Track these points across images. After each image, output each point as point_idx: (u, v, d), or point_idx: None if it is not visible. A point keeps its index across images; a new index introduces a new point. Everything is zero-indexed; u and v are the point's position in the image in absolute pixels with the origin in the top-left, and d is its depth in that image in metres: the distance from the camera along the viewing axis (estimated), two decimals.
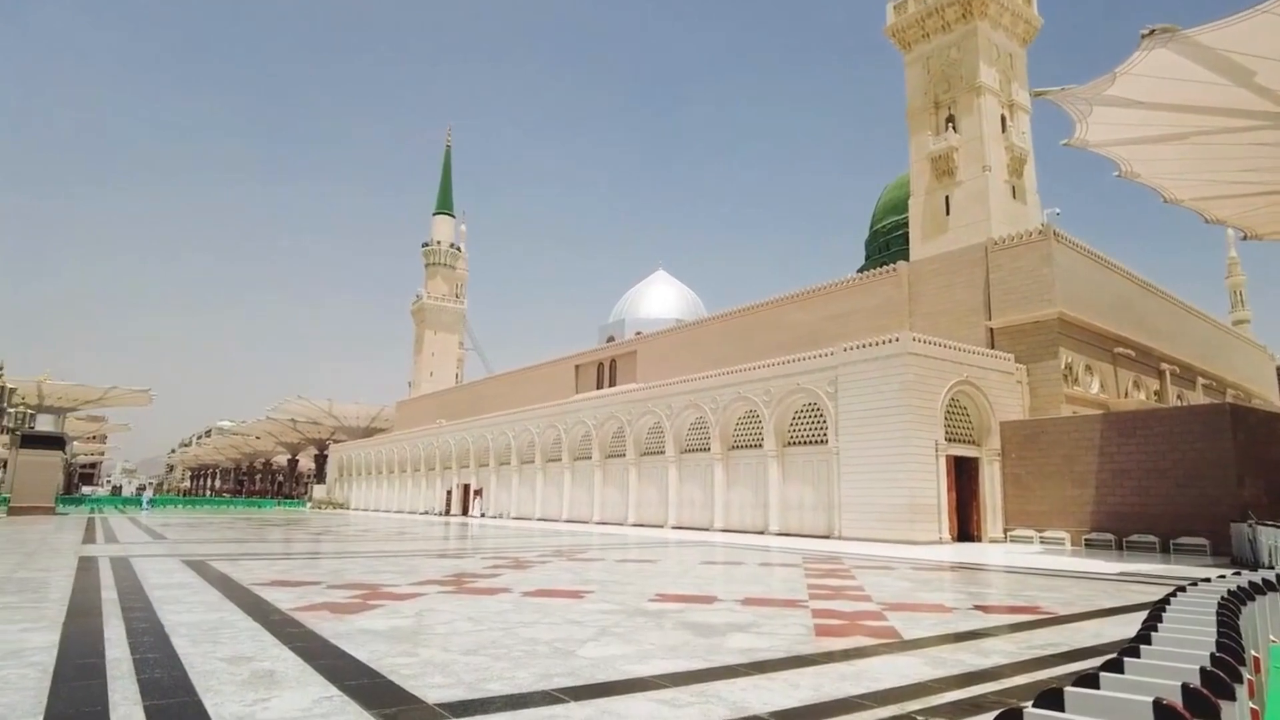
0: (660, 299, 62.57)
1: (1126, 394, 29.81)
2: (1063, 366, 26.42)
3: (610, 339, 56.54)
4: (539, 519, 39.65)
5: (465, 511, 46.99)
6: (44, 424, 57.60)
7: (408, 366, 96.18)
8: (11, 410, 41.06)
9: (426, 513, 51.21)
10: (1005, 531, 24.09)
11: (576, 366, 51.94)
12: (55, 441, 40.89)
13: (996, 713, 4.29)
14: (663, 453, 32.67)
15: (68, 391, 66.19)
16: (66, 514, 37.07)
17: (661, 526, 31.45)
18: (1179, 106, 14.31)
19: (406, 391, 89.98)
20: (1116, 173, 17.27)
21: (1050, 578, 13.21)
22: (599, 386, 48.31)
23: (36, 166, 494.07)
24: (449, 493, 50.24)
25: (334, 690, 4.55)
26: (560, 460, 39.51)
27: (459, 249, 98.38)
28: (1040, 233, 27.89)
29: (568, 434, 39.05)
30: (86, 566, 11.87)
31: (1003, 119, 35.31)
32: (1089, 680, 3.01)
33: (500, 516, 43.00)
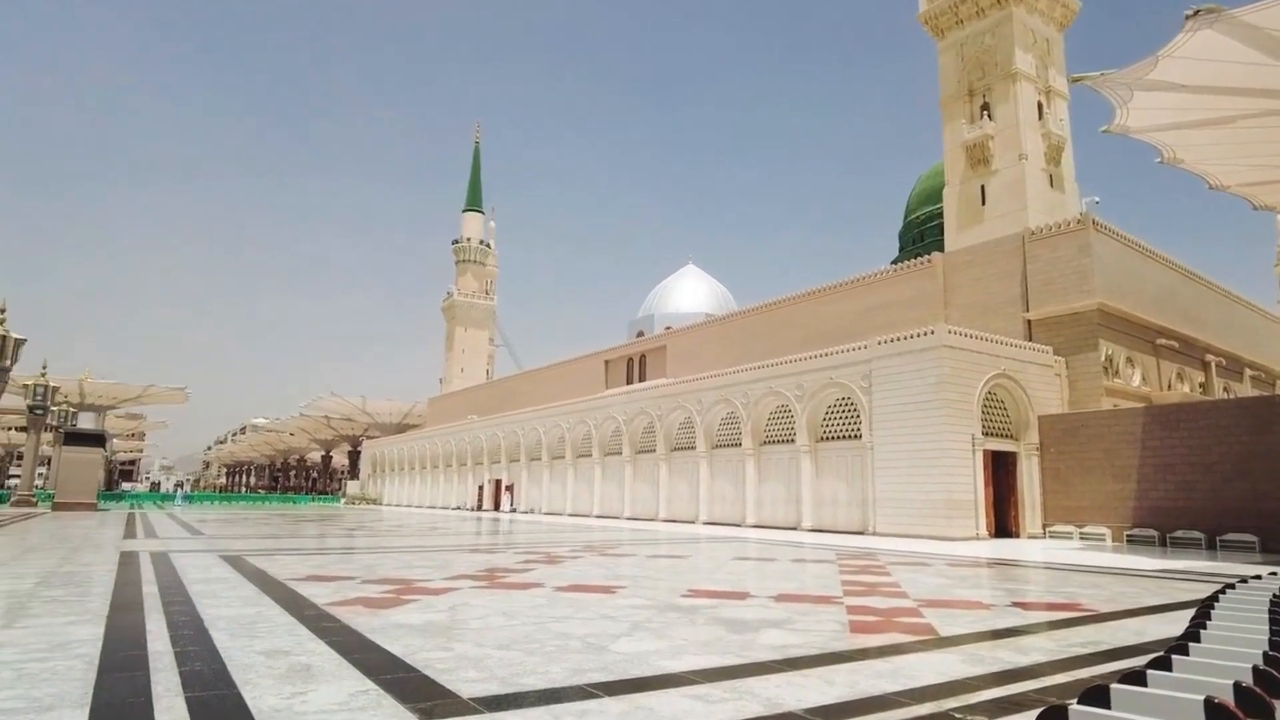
0: (690, 293, 62.40)
1: (1170, 386, 29.11)
2: (1103, 359, 25.87)
3: (640, 334, 56.57)
4: (570, 514, 39.83)
5: (497, 507, 47.37)
6: (85, 422, 59.02)
7: (439, 363, 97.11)
8: (54, 409, 42.07)
9: (459, 508, 51.71)
10: (1044, 527, 23.68)
11: (606, 362, 52.04)
12: (96, 439, 41.81)
13: (1038, 711, 4.20)
14: (693, 448, 32.61)
15: (107, 390, 67.78)
16: (108, 510, 38.00)
17: (692, 522, 31.41)
18: (1224, 89, 13.89)
19: (438, 388, 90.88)
20: (1158, 159, 16.83)
21: (1091, 574, 12.94)
22: (629, 382, 48.35)
23: (74, 164, 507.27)
24: (480, 488, 50.66)
25: (370, 684, 4.58)
26: (591, 456, 39.63)
27: (489, 245, 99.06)
28: (1079, 222, 27.32)
29: (598, 429, 39.15)
30: (128, 561, 12.13)
31: (1039, 106, 34.59)
32: (1136, 677, 2.93)
33: (531, 512, 43.28)
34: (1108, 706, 2.66)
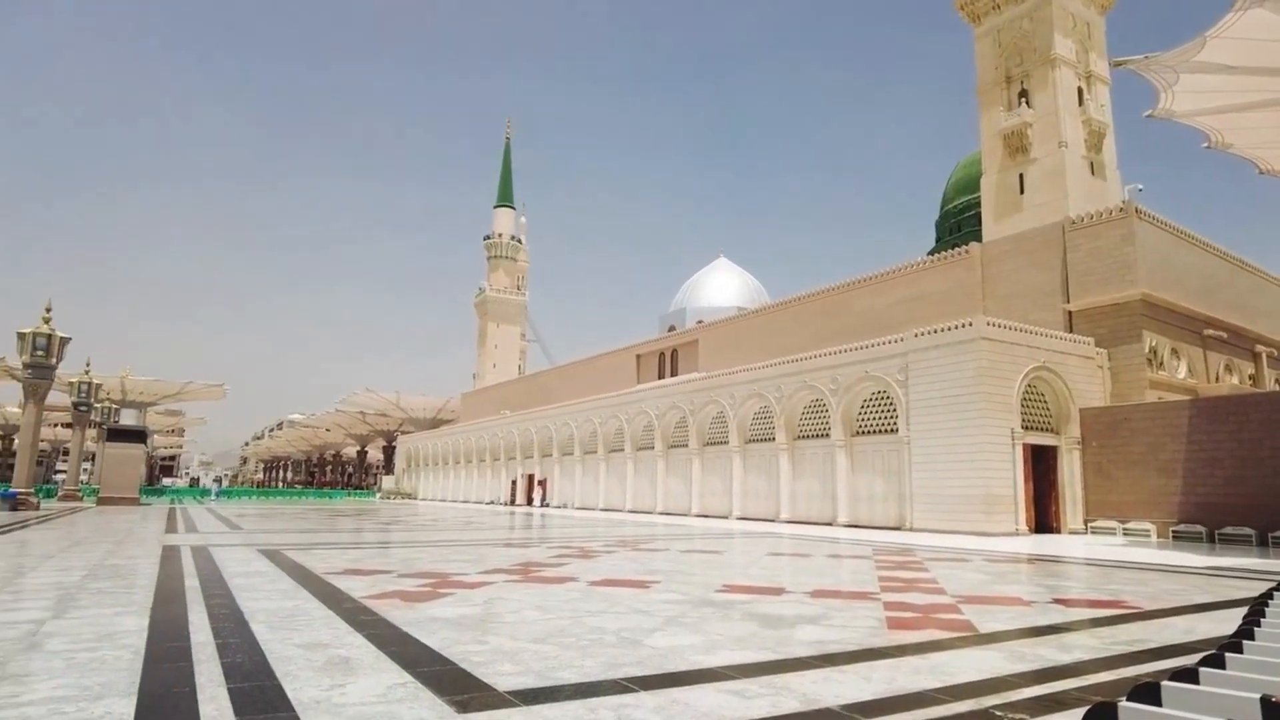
0: (721, 287, 62.04)
1: (1218, 378, 28.32)
2: (1147, 350, 25.24)
3: (671, 328, 56.43)
4: (602, 509, 39.95)
5: (530, 501, 47.68)
6: (126, 418, 60.33)
7: (472, 358, 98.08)
8: (97, 405, 43.14)
9: (492, 502, 52.14)
10: (1086, 523, 23.21)
11: (638, 356, 52.04)
12: (138, 435, 42.77)
13: (1084, 709, 4.10)
14: (726, 443, 32.49)
15: (148, 386, 69.43)
16: (149, 504, 38.82)
17: (726, 517, 31.31)
18: (1276, 70, 13.43)
19: (471, 383, 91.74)
20: (1205, 144, 16.34)
21: (1135, 571, 12.64)
22: (660, 376, 48.32)
23: (119, 167, 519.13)
24: (514, 483, 51.04)
25: (407, 677, 4.62)
26: (623, 450, 39.70)
27: (520, 241, 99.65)
28: (1121, 210, 26.64)
29: (630, 424, 39.19)
30: (170, 555, 12.39)
31: (1080, 92, 33.81)
32: (1188, 675, 2.83)
33: (564, 507, 43.49)
34: (1159, 704, 2.58)
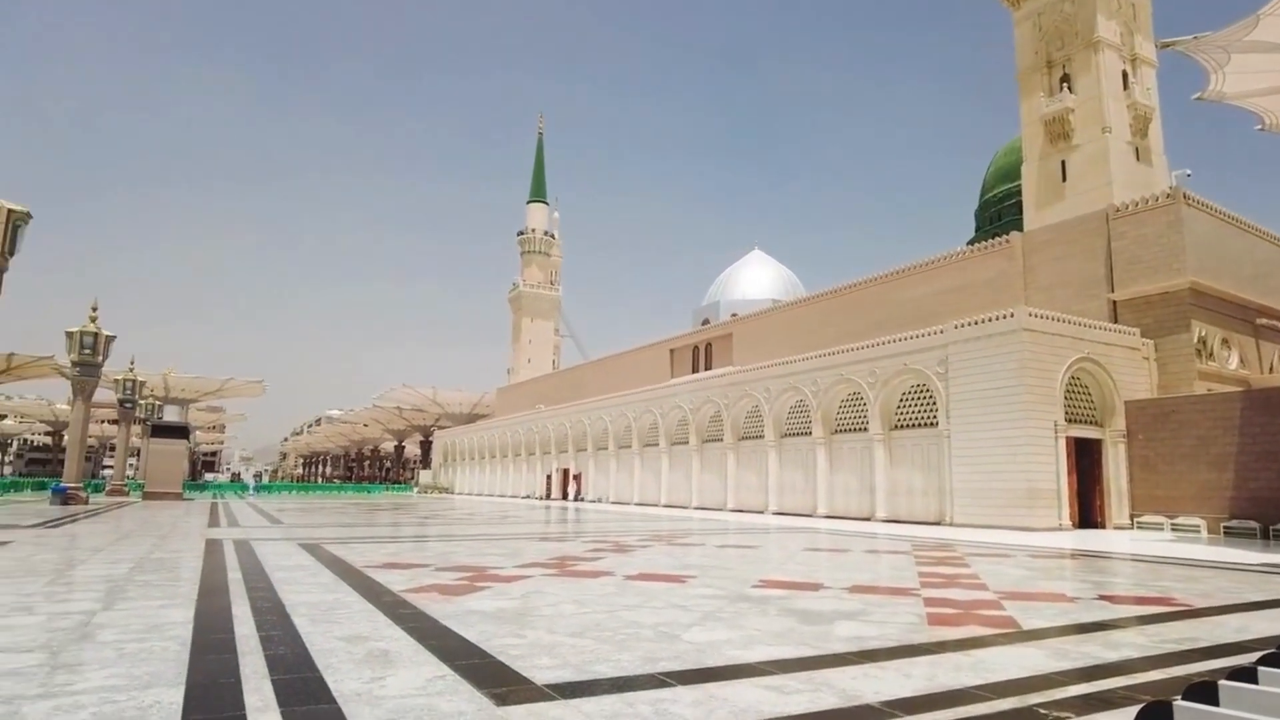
0: (756, 280, 61.61)
1: (1272, 369, 27.45)
2: (1195, 340, 24.54)
3: (705, 322, 56.25)
4: (637, 504, 40.02)
5: (565, 496, 47.93)
6: (169, 415, 61.80)
7: (506, 354, 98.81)
8: (142, 402, 44.24)
9: (528, 497, 52.55)
10: (1132, 518, 22.67)
11: (671, 350, 51.98)
12: (181, 431, 43.70)
13: (1135, 708, 3.99)
14: (761, 437, 32.33)
15: (190, 383, 70.98)
16: (192, 499, 39.67)
17: (761, 512, 31.17)
18: None
19: (505, 378, 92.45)
20: (1259, 126, 15.80)
21: (1184, 567, 12.31)
22: (694, 370, 48.21)
23: (161, 166, 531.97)
24: (549, 477, 51.36)
25: (446, 670, 4.66)
26: (657, 445, 39.71)
27: (553, 236, 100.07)
28: (1168, 196, 25.91)
29: (664, 419, 39.18)
30: (213, 549, 12.63)
31: (1124, 75, 32.92)
32: (1246, 674, 2.74)
33: (599, 501, 43.65)
34: (1215, 704, 2.49)
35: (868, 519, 26.09)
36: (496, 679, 4.48)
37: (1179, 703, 2.35)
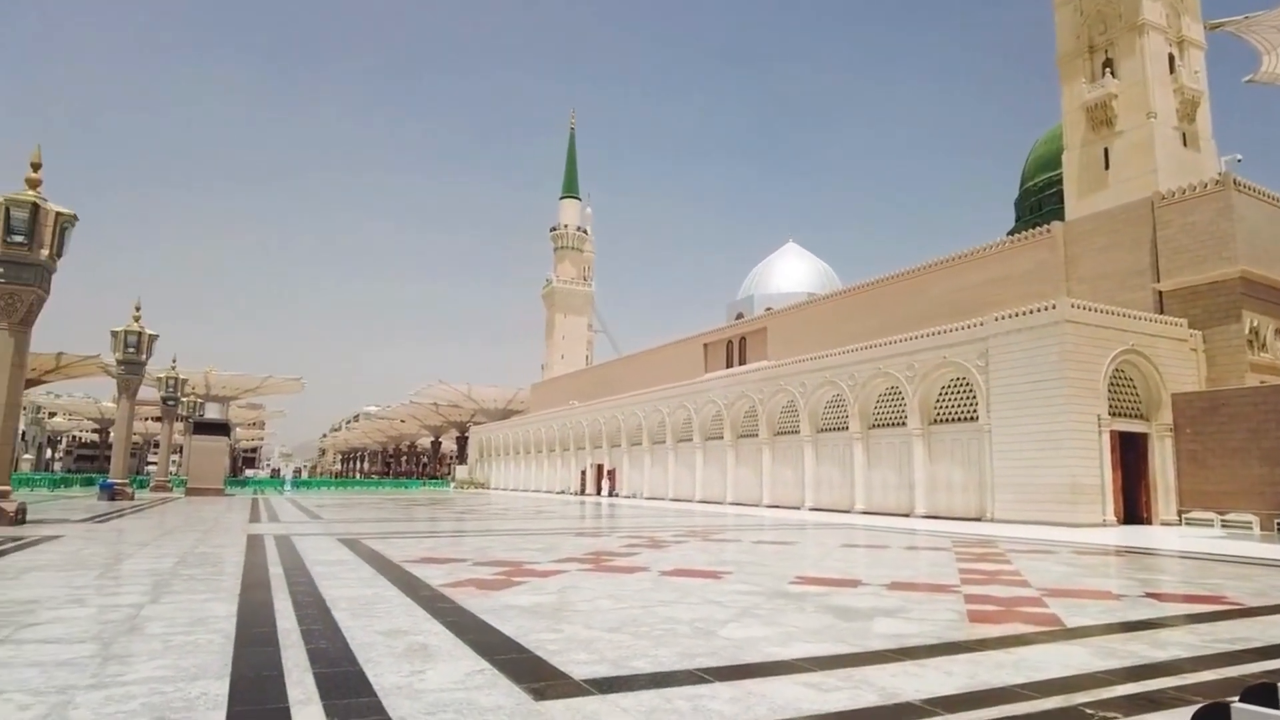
0: (791, 273, 61.08)
1: None
2: (1246, 331, 23.82)
3: (739, 316, 55.98)
4: (671, 499, 39.99)
5: (599, 491, 48.09)
6: (211, 412, 63.08)
7: (540, 349, 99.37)
8: (184, 400, 45.24)
9: (562, 492, 52.82)
10: (1179, 514, 22.06)
11: (705, 345, 51.84)
12: (222, 428, 44.64)
13: (1183, 709, 3.88)
14: (797, 432, 32.10)
15: (230, 381, 72.35)
16: (234, 495, 40.50)
17: (798, 508, 30.97)
18: None
19: (539, 374, 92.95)
20: None
21: (1236, 565, 11.95)
22: (729, 365, 48.03)
23: (202, 164, 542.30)
24: (583, 473, 51.56)
25: (485, 664, 4.69)
26: (691, 440, 39.63)
27: (585, 231, 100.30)
28: (1217, 182, 25.15)
29: (698, 414, 39.08)
30: (254, 544, 12.87)
31: (1170, 58, 31.98)
32: None
33: (633, 496, 43.72)
34: (1276, 706, 2.40)
35: (906, 515, 25.78)
36: (534, 673, 4.50)
37: (1237, 705, 2.26)
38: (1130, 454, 22.68)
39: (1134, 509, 22.55)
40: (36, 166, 16.66)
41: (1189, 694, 4.29)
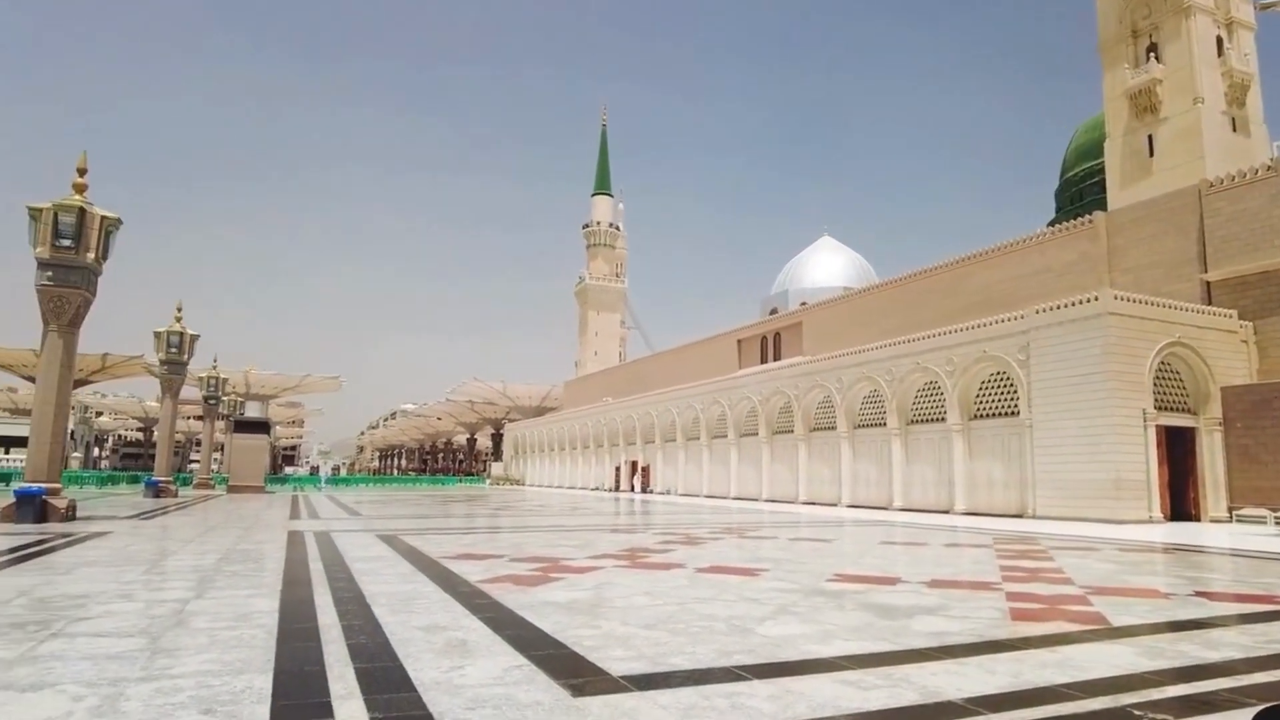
0: (826, 267, 60.46)
1: None
2: None
3: (773, 311, 55.62)
4: (706, 496, 39.92)
5: (633, 488, 48.17)
6: (251, 410, 64.19)
7: (573, 346, 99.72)
8: (225, 398, 46.11)
9: (596, 489, 53.00)
10: (1229, 510, 21.48)
11: (739, 341, 51.62)
12: (262, 426, 45.42)
13: (1237, 712, 3.76)
14: (834, 428, 31.82)
15: (269, 380, 73.57)
16: (274, 492, 41.19)
17: (834, 505, 30.71)
18: None
19: (573, 371, 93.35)
20: None
21: None
22: (763, 361, 47.78)
23: (240, 163, 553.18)
24: (617, 469, 51.67)
25: (523, 660, 4.72)
26: (726, 437, 39.49)
27: (618, 228, 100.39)
28: (1269, 168, 24.38)
29: (732, 410, 38.93)
30: (295, 540, 13.05)
31: (1218, 41, 31.04)
32: None
33: (668, 493, 43.71)
34: None
35: (946, 512, 25.43)
36: (572, 670, 4.51)
37: None
38: (1177, 449, 22.11)
39: (1181, 505, 21.99)
40: (82, 172, 17.12)
41: (1243, 696, 4.17)
